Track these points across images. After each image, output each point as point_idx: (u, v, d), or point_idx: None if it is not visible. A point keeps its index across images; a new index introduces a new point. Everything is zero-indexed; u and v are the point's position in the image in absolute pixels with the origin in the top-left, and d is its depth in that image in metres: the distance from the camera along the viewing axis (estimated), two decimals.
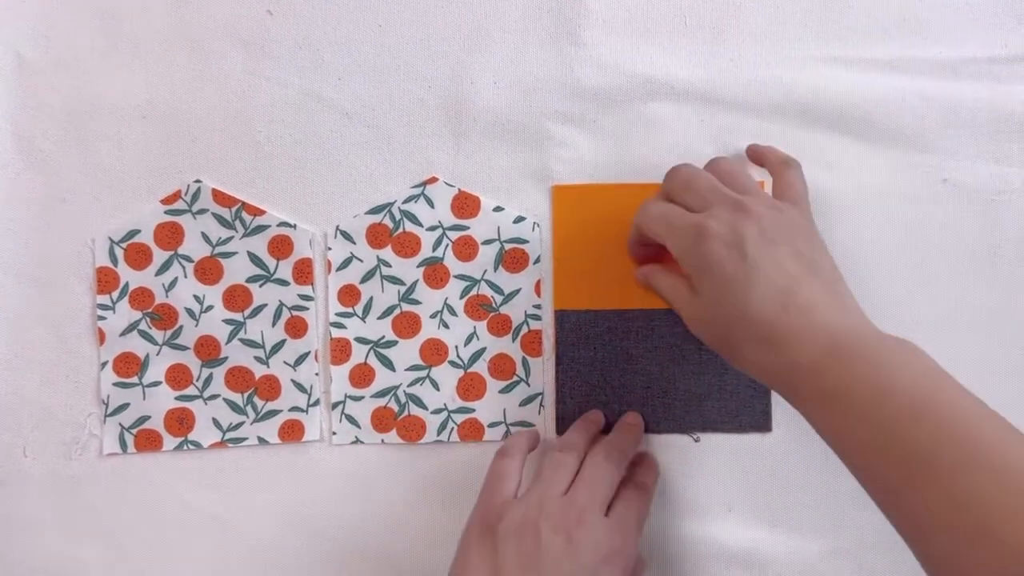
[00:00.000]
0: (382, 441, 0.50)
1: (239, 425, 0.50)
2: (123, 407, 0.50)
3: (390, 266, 0.50)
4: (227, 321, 0.49)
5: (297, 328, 0.50)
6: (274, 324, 0.49)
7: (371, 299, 0.50)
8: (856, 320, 0.38)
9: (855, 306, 0.39)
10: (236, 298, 0.49)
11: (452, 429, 0.50)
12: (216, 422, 0.50)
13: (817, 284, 0.38)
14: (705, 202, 0.41)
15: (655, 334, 0.49)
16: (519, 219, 0.49)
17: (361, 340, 0.50)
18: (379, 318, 0.50)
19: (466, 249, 0.50)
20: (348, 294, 0.50)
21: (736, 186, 0.42)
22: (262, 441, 0.50)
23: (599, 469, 0.43)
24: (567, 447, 0.44)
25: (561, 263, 0.49)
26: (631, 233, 0.46)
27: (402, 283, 0.50)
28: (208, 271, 0.49)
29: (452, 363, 0.50)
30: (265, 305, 0.49)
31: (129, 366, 0.50)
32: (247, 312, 0.49)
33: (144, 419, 0.50)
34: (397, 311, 0.50)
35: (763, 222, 0.39)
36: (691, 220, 0.40)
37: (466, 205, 0.50)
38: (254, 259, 0.49)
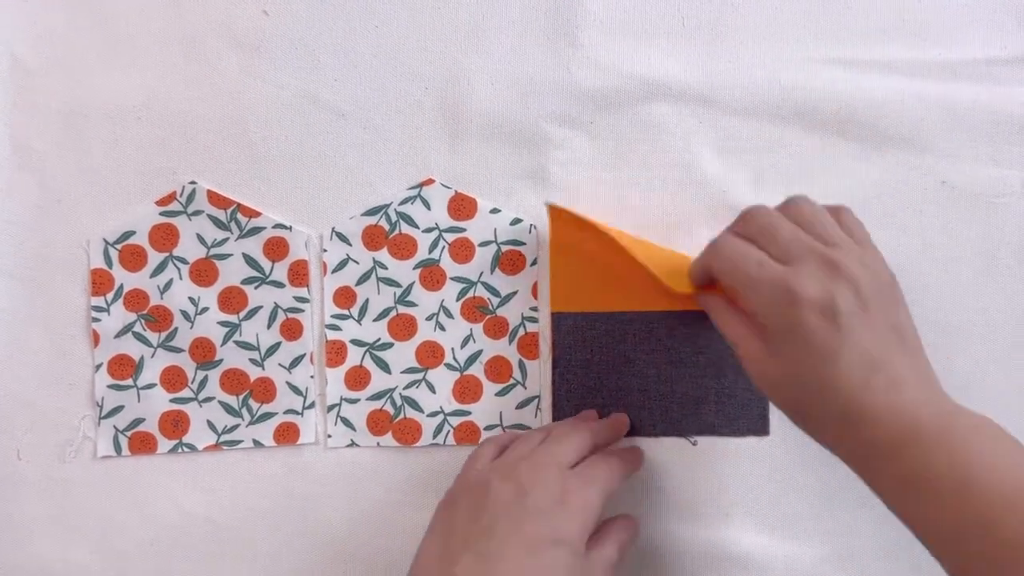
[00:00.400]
0: (378, 444, 0.50)
1: (234, 428, 0.49)
2: (117, 409, 0.49)
3: (386, 268, 0.49)
4: (222, 323, 0.49)
5: (292, 330, 0.49)
6: (269, 326, 0.49)
7: (367, 301, 0.49)
8: (937, 398, 0.36)
9: (934, 379, 0.37)
10: (231, 300, 0.49)
11: (448, 432, 0.50)
12: (211, 424, 0.49)
13: (905, 359, 0.36)
14: (789, 254, 0.37)
15: (653, 337, 0.49)
16: (516, 221, 0.49)
17: (357, 342, 0.49)
18: (375, 320, 0.49)
19: (463, 251, 0.49)
20: (344, 296, 0.49)
21: (819, 233, 0.38)
22: (257, 444, 0.49)
23: (563, 434, 0.42)
24: (540, 428, 0.45)
25: (558, 264, 0.49)
26: (695, 262, 0.42)
27: (398, 285, 0.49)
28: (203, 273, 0.49)
29: (448, 366, 0.50)
30: (260, 307, 0.49)
31: (124, 368, 0.49)
32: (242, 314, 0.49)
33: (139, 421, 0.49)
34: (393, 313, 0.49)
35: (859, 285, 0.36)
36: (776, 276, 0.36)
37: (463, 207, 0.49)
38: (249, 261, 0.49)
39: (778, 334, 0.37)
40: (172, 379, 0.49)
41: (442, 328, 0.50)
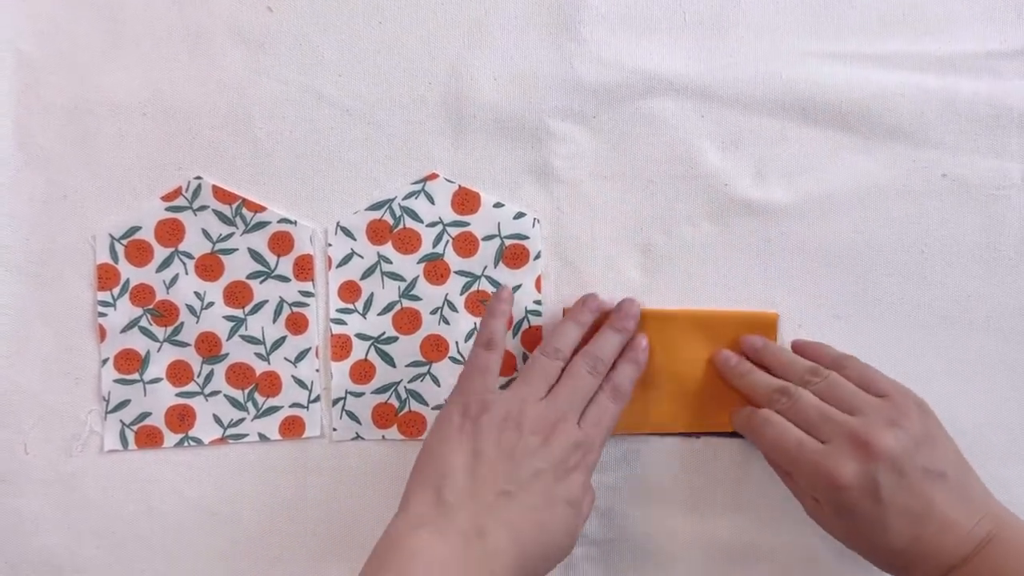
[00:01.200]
0: (383, 437, 0.50)
1: (240, 421, 0.50)
2: (124, 404, 0.50)
3: (391, 262, 0.50)
4: (228, 317, 0.49)
5: (298, 324, 0.50)
6: (275, 320, 0.50)
7: (372, 295, 0.50)
8: (987, 513, 0.40)
9: (985, 495, 0.41)
10: (237, 294, 0.49)
11: None
12: (217, 418, 0.50)
13: (951, 497, 0.39)
14: (820, 432, 0.42)
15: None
16: (519, 215, 0.49)
17: (362, 336, 0.50)
18: (379, 314, 0.50)
19: (466, 245, 0.50)
20: (349, 290, 0.50)
21: (840, 400, 0.42)
22: (263, 437, 0.50)
23: (579, 380, 0.44)
24: (552, 353, 0.45)
25: None
26: (737, 425, 0.47)
27: (402, 279, 0.50)
28: (209, 268, 0.49)
29: (453, 359, 0.50)
30: (266, 301, 0.50)
31: (130, 363, 0.50)
32: (248, 308, 0.50)
33: (145, 416, 0.50)
34: (398, 307, 0.50)
35: (893, 457, 0.39)
36: (815, 460, 0.41)
37: (466, 201, 0.50)
38: (255, 255, 0.49)
39: (828, 507, 0.41)
40: (178, 373, 0.50)
41: (446, 322, 0.50)
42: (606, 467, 0.49)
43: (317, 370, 0.50)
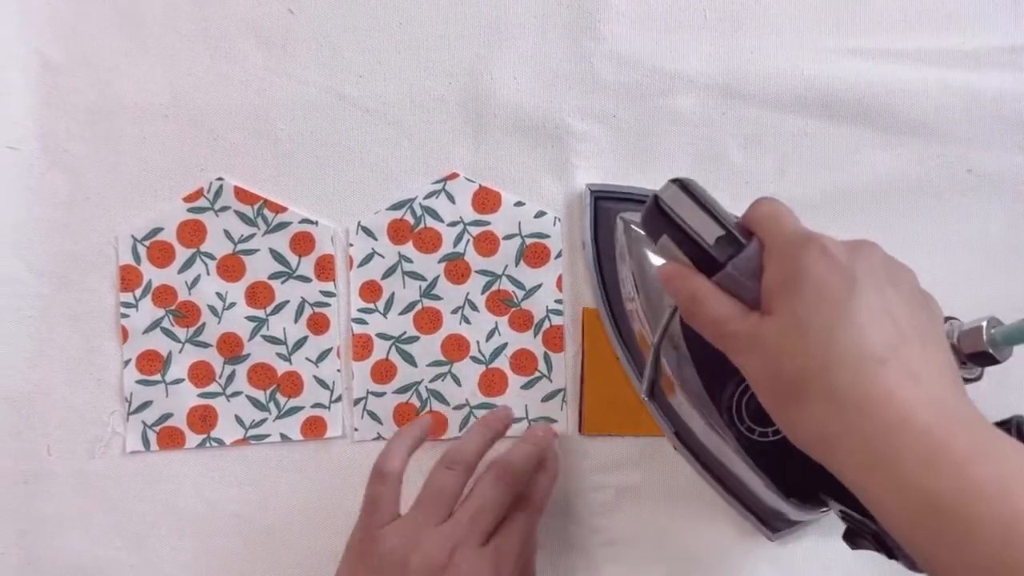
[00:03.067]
0: None
1: (262, 422, 0.50)
2: (146, 405, 0.50)
3: (411, 262, 0.50)
4: (249, 318, 0.50)
5: (319, 324, 0.50)
6: (296, 320, 0.50)
7: (392, 295, 0.50)
8: (965, 409, 0.30)
9: (962, 389, 0.31)
10: (258, 295, 0.50)
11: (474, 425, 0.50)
12: (239, 419, 0.50)
13: (928, 352, 0.31)
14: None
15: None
16: (540, 214, 0.49)
17: (383, 336, 0.50)
18: (400, 314, 0.50)
19: (487, 244, 0.50)
20: (370, 290, 0.50)
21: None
22: (284, 438, 0.50)
23: (485, 496, 0.40)
24: (455, 462, 0.41)
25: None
26: None
27: (423, 279, 0.50)
28: (231, 268, 0.50)
29: (474, 358, 0.50)
30: (287, 302, 0.50)
31: (152, 364, 0.50)
32: (269, 309, 0.50)
33: (167, 416, 0.50)
34: (419, 307, 0.50)
35: (886, 263, 0.33)
36: (802, 231, 0.33)
37: (487, 200, 0.50)
38: (276, 256, 0.50)
39: (780, 287, 0.32)
40: (200, 374, 0.50)
41: (467, 321, 0.50)
42: (627, 466, 0.49)
43: (339, 370, 0.50)
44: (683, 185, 0.35)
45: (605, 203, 0.48)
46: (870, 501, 0.30)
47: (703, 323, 0.34)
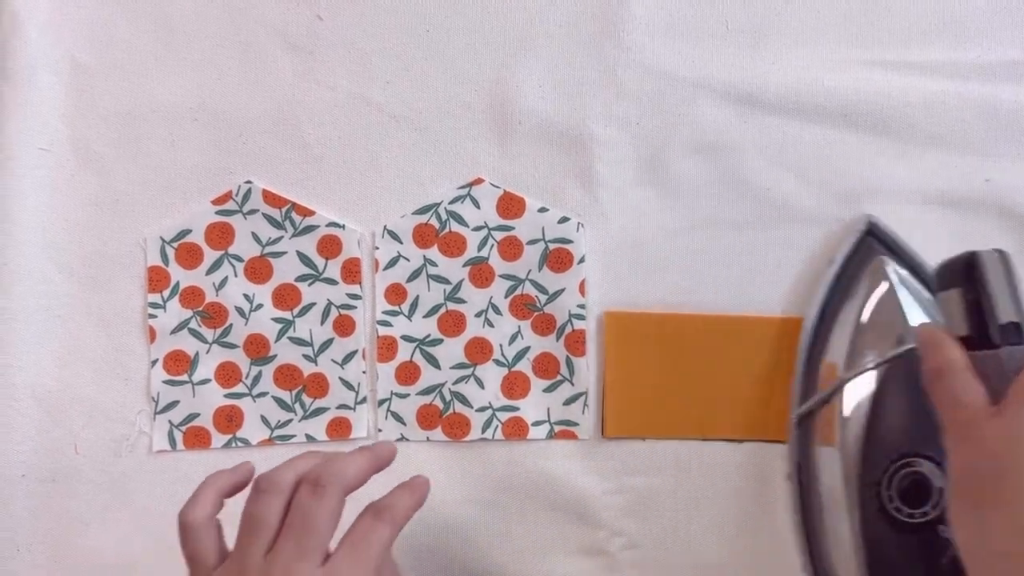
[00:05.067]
0: (427, 438, 0.50)
1: (287, 422, 0.50)
2: (173, 404, 0.50)
3: (436, 265, 0.50)
4: (276, 320, 0.50)
5: (345, 326, 0.50)
6: (322, 323, 0.50)
7: (417, 298, 0.50)
8: None
9: None
10: (285, 297, 0.50)
11: (497, 427, 0.50)
12: (264, 419, 0.50)
13: None
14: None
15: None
16: (563, 219, 0.50)
17: (407, 338, 0.50)
18: (425, 317, 0.50)
19: (511, 249, 0.50)
20: (395, 293, 0.50)
21: None
22: (310, 438, 0.50)
23: (306, 511, 0.35)
24: (268, 488, 0.36)
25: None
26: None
27: (448, 282, 0.50)
28: (258, 270, 0.50)
29: (497, 361, 0.50)
30: (314, 304, 0.50)
31: (179, 364, 0.50)
32: (296, 311, 0.50)
33: (193, 416, 0.50)
34: (443, 310, 0.50)
35: None
36: None
37: (511, 206, 0.50)
38: (303, 259, 0.50)
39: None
40: (227, 375, 0.50)
41: (491, 325, 0.50)
42: (650, 469, 0.49)
43: (364, 372, 0.50)
44: (1004, 257, 0.35)
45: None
46: None
47: (943, 397, 0.34)
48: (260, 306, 0.50)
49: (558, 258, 0.50)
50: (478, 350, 0.50)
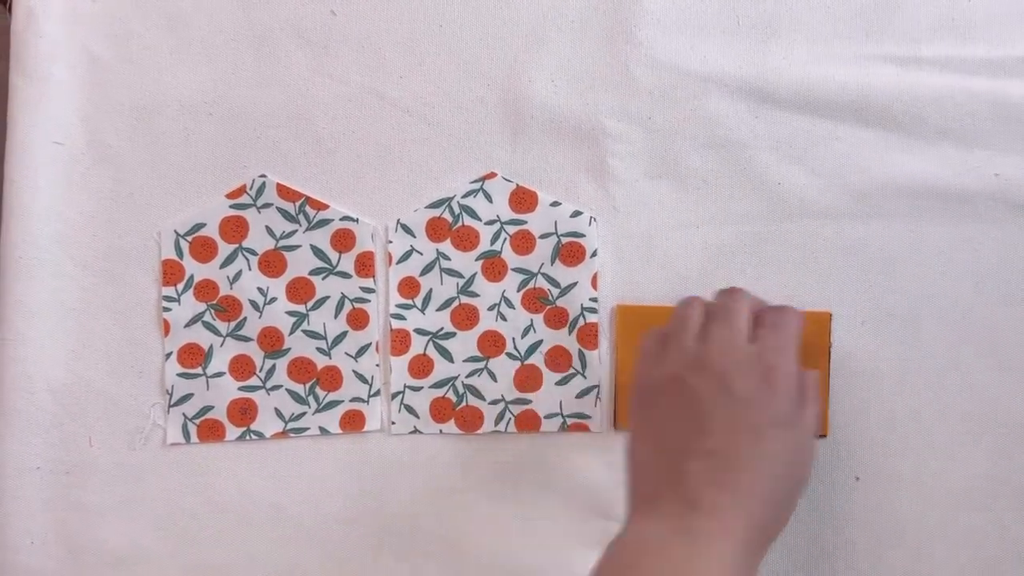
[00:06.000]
0: (440, 431, 0.51)
1: (301, 415, 0.50)
2: (187, 397, 0.50)
3: (449, 259, 0.51)
4: (290, 313, 0.50)
5: (359, 320, 0.50)
6: (336, 316, 0.50)
7: (430, 291, 0.51)
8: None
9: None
10: (299, 290, 0.50)
11: (509, 420, 0.51)
12: (278, 412, 0.50)
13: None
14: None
15: None
16: (576, 213, 0.50)
17: (420, 331, 0.51)
18: (438, 310, 0.51)
19: (523, 243, 0.51)
20: (408, 286, 0.51)
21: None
22: (323, 431, 0.50)
23: (727, 304, 0.42)
24: (690, 300, 0.44)
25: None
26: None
27: (461, 276, 0.51)
28: (272, 264, 0.50)
29: (509, 355, 0.51)
30: (328, 297, 0.50)
31: (193, 357, 0.50)
32: (310, 304, 0.51)
33: (207, 409, 0.50)
34: (456, 303, 0.51)
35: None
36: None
37: (524, 200, 0.51)
38: (317, 252, 0.50)
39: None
40: (240, 368, 0.50)
41: (503, 318, 0.51)
42: None
43: (377, 365, 0.51)
44: None
45: None
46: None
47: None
48: (274, 299, 0.50)
49: (570, 252, 0.51)
50: (491, 343, 0.51)
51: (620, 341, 0.50)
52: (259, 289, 0.50)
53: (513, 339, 0.51)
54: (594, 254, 0.50)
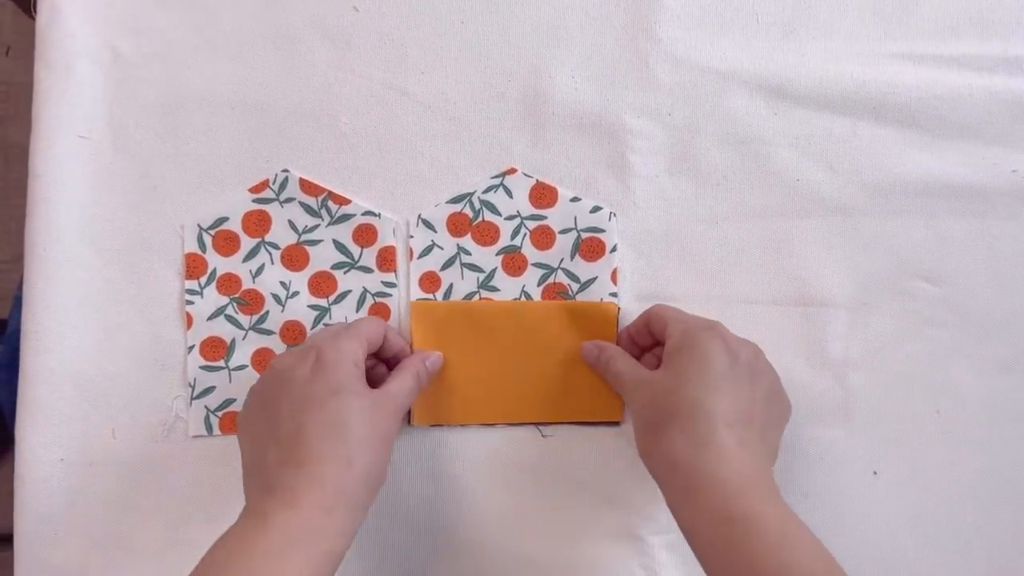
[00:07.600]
0: (460, 424, 0.51)
1: None
2: (209, 390, 0.51)
3: (470, 254, 0.51)
4: (312, 307, 0.51)
5: (380, 314, 0.51)
6: (358, 310, 0.51)
7: (451, 286, 0.51)
8: (758, 480, 0.40)
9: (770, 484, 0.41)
10: (321, 284, 0.51)
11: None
12: None
13: (759, 446, 0.41)
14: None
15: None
16: (596, 209, 0.51)
17: None
18: None
19: (543, 238, 0.51)
20: (429, 281, 0.51)
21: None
22: None
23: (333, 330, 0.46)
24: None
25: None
26: (633, 324, 0.49)
27: (481, 270, 0.51)
28: (294, 258, 0.51)
29: None
30: (349, 291, 0.51)
31: (216, 350, 0.51)
32: (332, 298, 0.51)
33: (229, 402, 0.51)
34: (476, 298, 0.51)
35: (761, 360, 0.44)
36: (704, 320, 0.46)
37: (544, 195, 0.51)
38: (339, 247, 0.51)
39: (678, 350, 0.43)
40: (263, 360, 0.51)
41: None
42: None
43: None
44: None
45: None
46: (679, 518, 0.41)
47: (609, 376, 0.48)
48: (296, 293, 0.51)
49: (590, 247, 0.51)
50: None
51: (416, 337, 0.50)
52: (281, 283, 0.51)
53: None
54: (614, 249, 0.51)
